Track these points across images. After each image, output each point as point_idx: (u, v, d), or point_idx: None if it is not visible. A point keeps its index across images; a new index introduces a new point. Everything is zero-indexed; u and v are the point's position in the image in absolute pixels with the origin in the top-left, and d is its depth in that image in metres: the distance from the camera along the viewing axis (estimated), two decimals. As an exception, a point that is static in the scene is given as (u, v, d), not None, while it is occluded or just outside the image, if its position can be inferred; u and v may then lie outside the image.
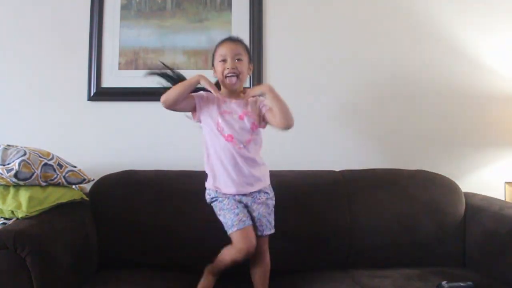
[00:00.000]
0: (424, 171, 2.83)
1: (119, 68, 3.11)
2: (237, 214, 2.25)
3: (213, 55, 2.44)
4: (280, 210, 2.51)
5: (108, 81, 3.09)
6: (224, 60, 2.35)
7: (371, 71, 3.13)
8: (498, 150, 3.16)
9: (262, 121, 2.40)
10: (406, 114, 3.14)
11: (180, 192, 2.60)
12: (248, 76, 2.52)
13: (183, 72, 3.00)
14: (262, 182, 2.38)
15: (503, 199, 3.09)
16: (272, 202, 2.40)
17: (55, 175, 2.35)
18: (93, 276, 2.38)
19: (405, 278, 2.37)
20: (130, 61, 3.11)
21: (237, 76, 2.34)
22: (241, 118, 2.34)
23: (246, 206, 2.32)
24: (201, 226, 2.48)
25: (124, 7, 3.13)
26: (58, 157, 2.44)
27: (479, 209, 2.64)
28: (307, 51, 3.12)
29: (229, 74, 2.33)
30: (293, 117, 2.29)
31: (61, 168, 2.39)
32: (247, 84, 3.00)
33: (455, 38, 3.15)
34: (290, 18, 3.15)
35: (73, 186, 2.53)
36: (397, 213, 2.65)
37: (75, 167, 2.49)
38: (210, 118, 2.36)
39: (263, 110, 2.38)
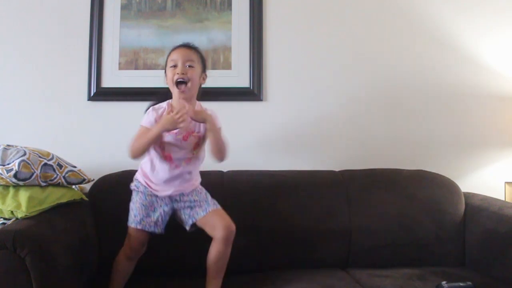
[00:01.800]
0: (424, 171, 2.83)
1: (119, 68, 3.11)
2: (141, 216, 2.31)
3: (166, 62, 2.39)
4: (280, 210, 2.52)
5: (108, 81, 3.09)
6: (175, 66, 2.30)
7: (371, 71, 3.14)
8: (498, 150, 3.16)
9: None
10: (406, 114, 3.15)
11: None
12: (200, 85, 2.41)
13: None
14: (192, 185, 2.38)
15: (503, 199, 3.10)
16: (199, 196, 2.38)
17: (55, 175, 2.35)
18: (93, 277, 2.39)
19: (405, 278, 2.37)
20: (130, 61, 3.11)
21: (186, 83, 2.28)
22: (184, 139, 2.31)
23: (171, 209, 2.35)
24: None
25: (124, 7, 3.13)
26: (58, 157, 2.44)
27: (478, 209, 2.64)
28: (307, 51, 3.12)
29: (178, 79, 2.27)
30: (227, 154, 2.31)
31: (61, 168, 2.39)
32: (248, 83, 3.01)
33: (455, 38, 3.16)
34: (290, 18, 3.15)
35: (73, 186, 2.53)
36: (397, 213, 2.65)
37: (75, 167, 2.48)
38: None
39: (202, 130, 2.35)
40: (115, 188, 2.60)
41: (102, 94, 3.08)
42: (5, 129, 3.01)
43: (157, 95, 2.47)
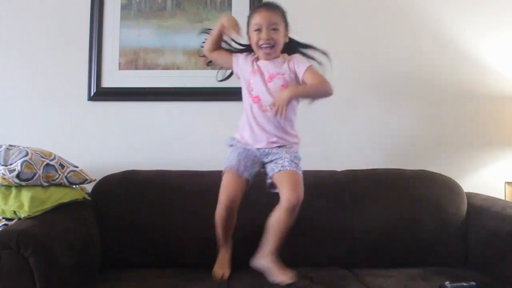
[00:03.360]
0: (426, 171, 2.83)
1: (119, 68, 3.10)
2: (239, 160, 2.33)
3: (248, 23, 2.41)
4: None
5: (108, 81, 3.08)
6: (259, 30, 2.33)
7: (372, 71, 3.14)
8: (498, 150, 3.16)
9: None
10: (407, 115, 3.15)
11: (182, 192, 2.60)
12: (284, 42, 2.45)
13: (182, 72, 3.04)
14: (288, 139, 2.42)
15: (503, 199, 3.10)
16: (289, 153, 2.38)
17: (57, 175, 2.34)
18: (96, 276, 2.37)
19: (408, 277, 2.37)
20: (130, 61, 3.10)
21: (272, 46, 2.33)
22: (270, 79, 2.35)
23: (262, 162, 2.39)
24: (203, 225, 2.46)
25: (124, 7, 3.12)
26: (60, 157, 2.43)
27: (481, 209, 2.64)
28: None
29: (264, 45, 2.32)
30: (328, 88, 2.33)
31: (63, 169, 2.39)
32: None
33: (456, 38, 3.16)
34: (290, 18, 3.14)
35: (74, 186, 2.53)
36: (399, 213, 2.65)
37: (76, 167, 2.48)
38: (243, 77, 2.44)
39: (300, 77, 2.38)
40: (118, 188, 2.62)
41: (102, 94, 3.07)
42: (5, 129, 3.00)
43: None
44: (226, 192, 2.29)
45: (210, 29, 2.53)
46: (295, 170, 2.31)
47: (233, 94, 2.67)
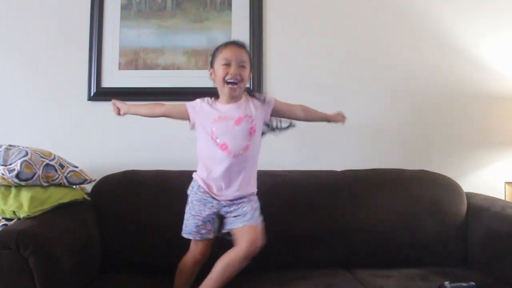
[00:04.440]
0: (426, 171, 2.83)
1: (119, 68, 3.10)
2: (197, 226, 2.29)
3: (213, 56, 2.36)
4: (282, 210, 2.53)
5: (108, 81, 3.09)
6: (227, 64, 2.28)
7: (372, 71, 3.14)
8: (498, 150, 3.16)
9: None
10: (407, 114, 3.15)
11: (182, 192, 2.58)
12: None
13: (182, 72, 3.04)
14: (249, 189, 2.35)
15: (503, 199, 3.10)
16: (250, 206, 2.31)
17: (57, 176, 2.34)
18: (96, 276, 2.37)
19: (408, 278, 2.37)
20: (130, 61, 3.10)
21: (238, 83, 2.28)
22: (236, 123, 2.28)
23: (219, 215, 2.32)
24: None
25: (124, 7, 3.12)
26: (60, 157, 2.43)
27: (481, 209, 2.64)
28: (308, 51, 3.12)
29: (232, 80, 2.26)
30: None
31: (62, 169, 2.38)
32: (248, 83, 3.00)
33: (456, 38, 3.16)
34: (291, 18, 3.15)
35: (74, 186, 2.53)
36: (399, 213, 2.65)
37: (76, 167, 2.48)
38: (202, 126, 2.33)
39: (269, 109, 2.38)
40: (117, 188, 2.62)
41: (102, 94, 3.06)
42: (5, 129, 3.01)
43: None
44: (193, 254, 2.32)
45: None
46: (256, 225, 2.26)
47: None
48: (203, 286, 2.18)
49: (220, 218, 2.33)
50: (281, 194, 2.62)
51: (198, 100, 2.39)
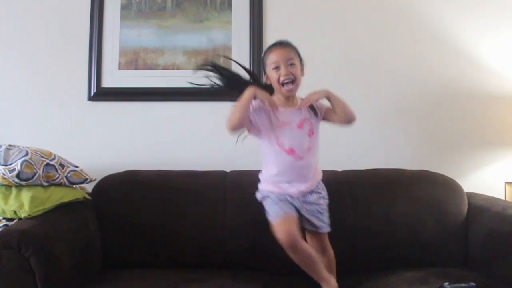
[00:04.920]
0: (427, 171, 2.82)
1: (119, 68, 3.10)
2: (281, 207, 2.26)
3: (263, 62, 2.42)
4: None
5: (108, 81, 3.09)
6: (277, 67, 2.32)
7: (372, 71, 3.14)
8: (498, 150, 3.16)
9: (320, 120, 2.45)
10: (407, 115, 3.15)
11: (182, 192, 2.60)
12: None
13: (182, 72, 3.04)
14: (315, 180, 2.41)
15: (503, 199, 3.09)
16: (324, 201, 2.42)
17: (57, 175, 2.34)
18: (96, 276, 2.38)
19: (408, 278, 2.36)
20: (130, 61, 3.10)
21: (293, 81, 2.33)
22: (299, 126, 2.35)
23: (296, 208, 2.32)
24: (203, 225, 2.48)
25: (124, 7, 3.12)
26: (60, 157, 2.43)
27: (481, 209, 2.63)
28: (308, 51, 3.10)
29: (286, 81, 2.31)
30: (353, 112, 2.42)
31: (63, 168, 2.39)
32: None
33: (455, 38, 3.16)
34: (291, 18, 3.15)
35: (74, 186, 2.53)
36: (399, 213, 2.64)
37: (77, 167, 2.48)
38: (267, 132, 2.35)
39: (323, 111, 2.45)
40: (118, 188, 2.62)
41: (102, 94, 3.07)
42: (5, 129, 3.01)
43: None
44: (285, 233, 2.20)
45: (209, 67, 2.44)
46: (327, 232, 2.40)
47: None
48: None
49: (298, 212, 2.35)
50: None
51: (252, 105, 2.34)
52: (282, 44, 2.40)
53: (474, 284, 2.17)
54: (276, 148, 2.32)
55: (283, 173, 2.33)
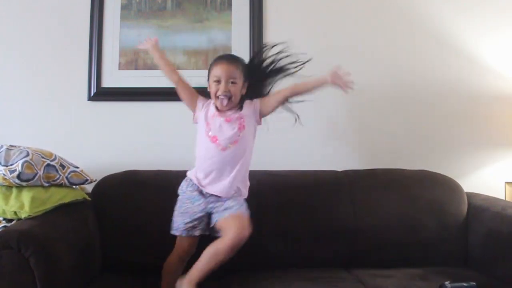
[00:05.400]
0: (426, 171, 2.83)
1: (119, 68, 3.10)
2: (185, 223, 2.33)
3: (209, 71, 2.44)
4: (283, 210, 2.53)
5: (108, 81, 3.08)
6: (218, 81, 2.35)
7: (372, 71, 3.13)
8: (498, 150, 3.16)
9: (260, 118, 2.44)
10: (407, 115, 3.15)
11: (182, 192, 2.60)
12: (242, 94, 2.45)
13: (182, 72, 3.03)
14: (242, 191, 2.38)
15: (503, 199, 3.09)
16: (238, 201, 2.36)
17: (58, 176, 2.34)
18: (96, 276, 2.38)
19: (408, 277, 2.38)
20: (130, 61, 3.10)
21: (229, 98, 2.34)
22: (227, 120, 2.36)
23: (208, 214, 2.35)
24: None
25: (124, 7, 3.12)
26: (61, 158, 2.43)
27: (481, 209, 2.64)
28: (308, 51, 3.11)
29: (221, 96, 2.34)
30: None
31: (63, 169, 2.39)
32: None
33: (455, 38, 3.16)
34: (291, 18, 3.15)
35: (74, 186, 2.52)
36: (399, 213, 2.65)
37: (77, 167, 2.48)
38: (202, 121, 2.42)
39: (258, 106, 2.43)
40: (118, 188, 2.62)
41: (102, 94, 3.06)
42: (5, 129, 3.00)
43: None
44: (178, 250, 2.37)
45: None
46: (243, 212, 2.29)
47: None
48: (189, 275, 2.18)
49: (208, 217, 2.36)
50: (281, 194, 2.62)
51: (210, 100, 2.45)
52: (229, 60, 2.41)
53: (474, 283, 2.18)
54: (203, 134, 2.39)
55: (206, 162, 2.39)
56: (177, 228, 2.35)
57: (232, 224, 2.20)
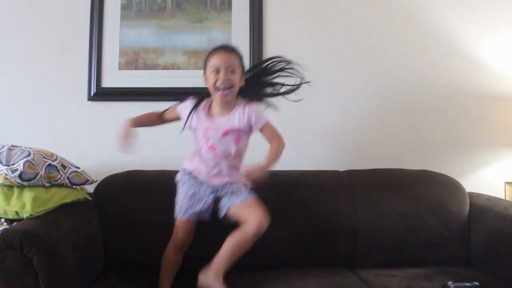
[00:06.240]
0: (429, 171, 2.83)
1: (119, 68, 3.09)
2: (192, 205, 2.37)
3: (205, 63, 2.41)
4: (285, 210, 2.52)
5: (108, 81, 3.08)
6: (216, 71, 2.33)
7: (373, 71, 3.14)
8: (498, 150, 3.17)
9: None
10: (408, 115, 3.15)
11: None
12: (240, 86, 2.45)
13: (182, 72, 3.04)
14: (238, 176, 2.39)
15: (504, 199, 3.10)
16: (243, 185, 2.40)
17: (59, 176, 2.34)
18: (99, 276, 2.38)
19: (411, 277, 2.37)
20: (130, 61, 3.10)
21: (229, 88, 2.33)
22: (224, 135, 2.38)
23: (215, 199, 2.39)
24: (205, 225, 2.46)
25: (124, 7, 3.11)
26: (62, 158, 2.43)
27: (483, 209, 2.64)
28: (307, 51, 3.12)
29: (221, 86, 2.32)
30: (283, 143, 2.43)
31: (64, 169, 2.38)
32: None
33: (455, 38, 3.16)
34: (291, 18, 3.15)
35: (75, 187, 2.52)
36: (402, 213, 2.65)
37: (78, 168, 2.47)
38: (197, 124, 2.46)
39: (255, 129, 2.44)
40: (120, 188, 2.62)
41: (102, 94, 3.06)
42: (5, 129, 3.00)
43: (198, 95, 2.52)
44: (174, 238, 2.40)
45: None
46: (253, 198, 2.34)
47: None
48: (214, 266, 2.20)
49: (215, 203, 2.39)
50: (284, 194, 2.61)
51: (189, 102, 2.48)
52: (227, 49, 2.40)
53: (477, 283, 2.18)
54: (202, 139, 2.44)
55: (204, 162, 2.45)
56: (180, 211, 2.37)
57: (251, 212, 2.25)
